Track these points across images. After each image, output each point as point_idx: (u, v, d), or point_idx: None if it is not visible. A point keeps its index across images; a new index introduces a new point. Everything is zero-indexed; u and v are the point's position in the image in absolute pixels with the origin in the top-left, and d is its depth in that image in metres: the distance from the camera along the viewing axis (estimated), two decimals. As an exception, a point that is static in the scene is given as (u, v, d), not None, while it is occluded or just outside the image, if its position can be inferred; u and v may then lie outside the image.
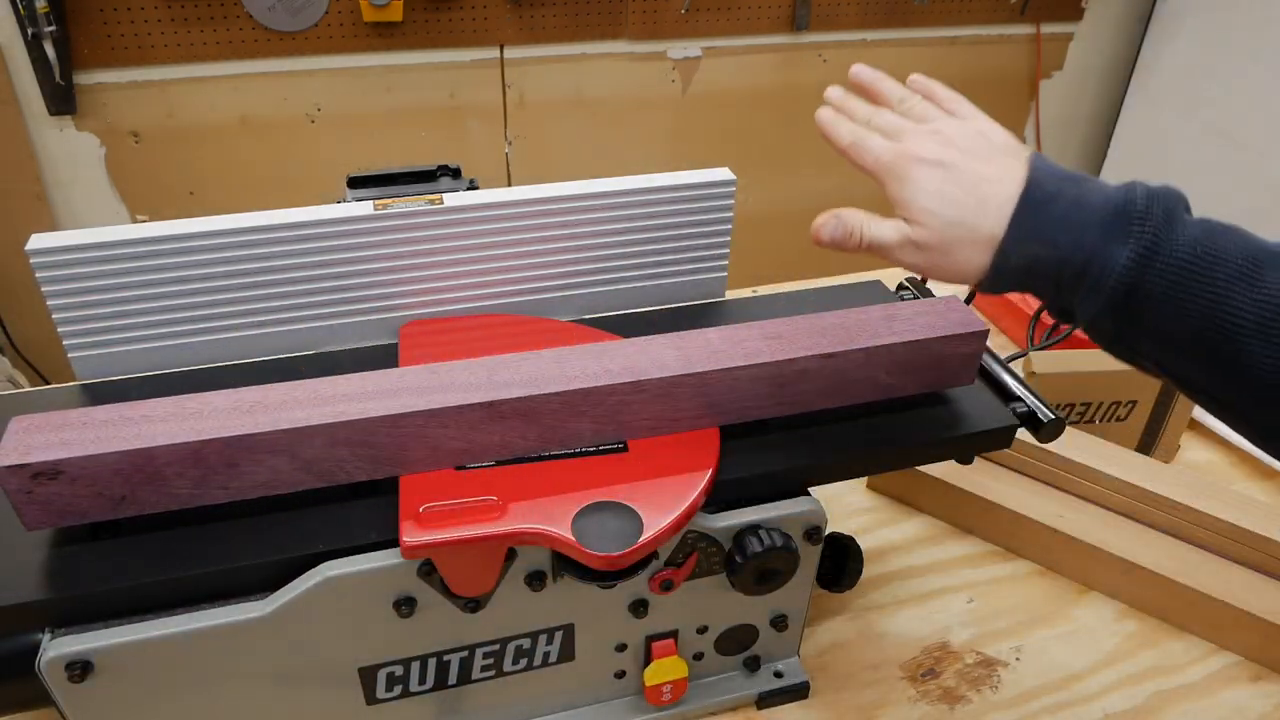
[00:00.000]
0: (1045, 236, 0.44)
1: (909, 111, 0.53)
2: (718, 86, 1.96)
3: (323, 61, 1.71)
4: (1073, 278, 0.44)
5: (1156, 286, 0.42)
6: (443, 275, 0.68)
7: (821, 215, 0.52)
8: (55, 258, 0.60)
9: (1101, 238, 0.43)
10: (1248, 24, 1.83)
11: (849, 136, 0.53)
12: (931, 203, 0.47)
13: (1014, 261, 0.45)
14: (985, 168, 0.47)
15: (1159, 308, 0.42)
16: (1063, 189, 0.45)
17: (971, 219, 0.46)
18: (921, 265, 0.48)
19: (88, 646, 0.47)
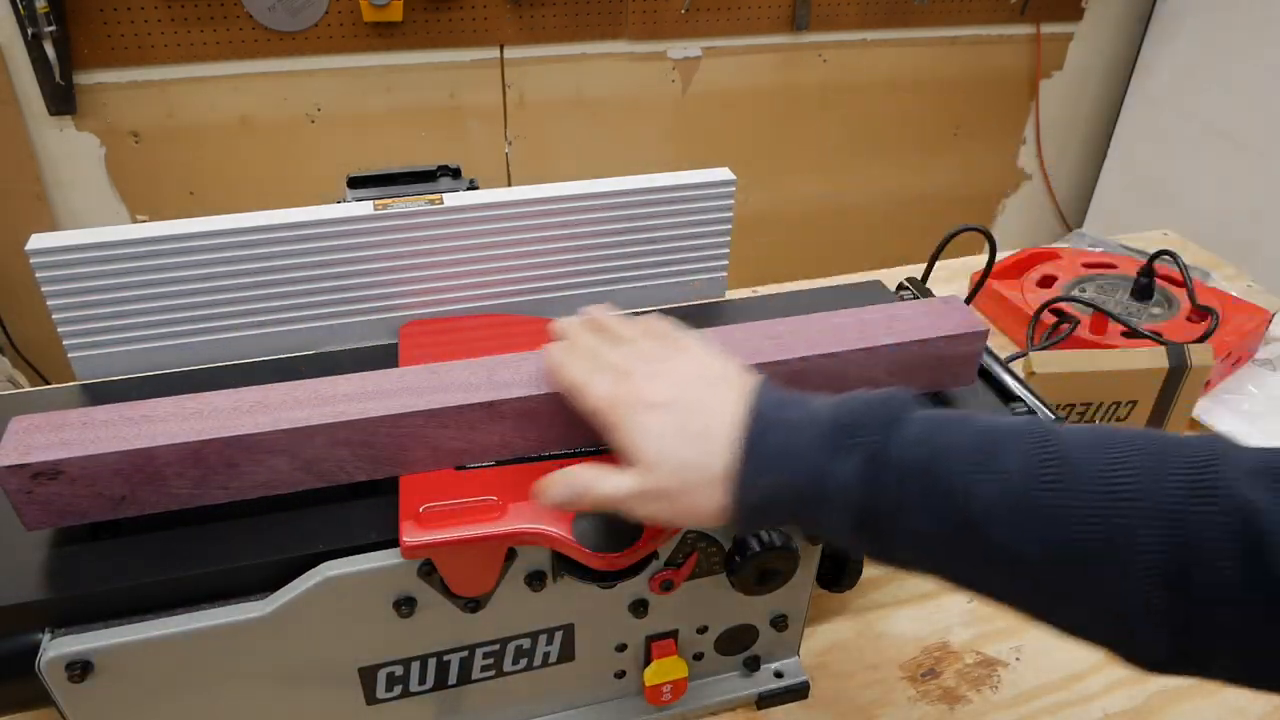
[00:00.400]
0: (774, 467, 0.43)
1: (636, 351, 0.50)
2: (718, 86, 1.96)
3: (323, 61, 1.71)
4: (812, 504, 0.42)
5: (890, 494, 0.41)
6: (443, 275, 0.68)
7: (546, 476, 0.48)
8: (55, 258, 0.60)
9: (825, 457, 0.42)
10: (1248, 24, 1.83)
11: (578, 379, 0.49)
12: (657, 446, 0.44)
13: (753, 499, 0.43)
14: (708, 402, 0.46)
15: (899, 514, 0.41)
16: (783, 414, 0.44)
17: (700, 459, 0.44)
18: (662, 515, 0.45)
19: (88, 646, 0.47)
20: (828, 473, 0.42)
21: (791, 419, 0.44)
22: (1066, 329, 0.92)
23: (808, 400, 0.45)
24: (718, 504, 0.44)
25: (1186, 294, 0.98)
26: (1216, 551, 0.35)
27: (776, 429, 0.43)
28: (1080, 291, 1.02)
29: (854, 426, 0.42)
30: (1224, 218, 1.93)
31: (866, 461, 0.41)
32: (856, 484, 0.41)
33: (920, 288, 0.75)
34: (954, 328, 0.58)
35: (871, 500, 0.41)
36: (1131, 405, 0.83)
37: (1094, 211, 2.30)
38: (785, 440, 0.43)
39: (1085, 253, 1.11)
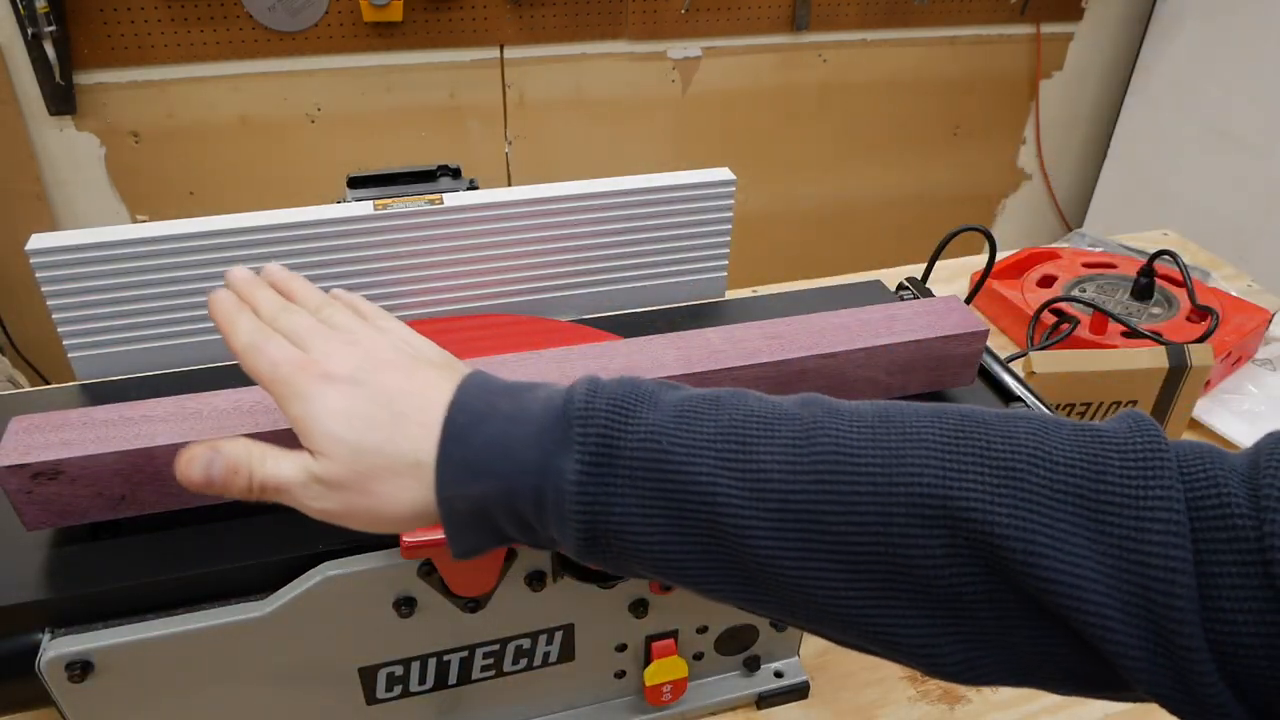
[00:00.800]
0: (484, 468, 0.35)
1: (327, 320, 0.41)
2: (718, 86, 1.96)
3: (323, 61, 1.71)
4: (535, 511, 0.35)
5: (624, 499, 0.34)
6: (443, 275, 0.68)
7: (193, 446, 0.38)
8: (55, 258, 0.60)
9: (545, 453, 0.34)
10: (1248, 24, 1.83)
11: (246, 335, 0.39)
12: (335, 425, 0.36)
13: (461, 507, 0.36)
14: (406, 382, 0.38)
15: (637, 525, 0.34)
16: (495, 405, 0.36)
17: (388, 445, 0.36)
18: (337, 510, 0.37)
19: (88, 646, 0.47)
20: (546, 475, 0.34)
21: (505, 409, 0.36)
22: (1066, 329, 0.92)
23: (528, 389, 0.37)
24: (409, 504, 0.36)
25: (1186, 294, 0.98)
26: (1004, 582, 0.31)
27: (486, 422, 0.36)
28: (1080, 291, 1.02)
29: (576, 417, 0.35)
30: (1224, 218, 1.93)
31: (591, 459, 0.34)
32: (580, 488, 0.34)
33: (920, 288, 0.75)
34: (954, 328, 0.58)
35: (601, 509, 0.34)
36: (1131, 405, 0.83)
37: (1094, 211, 2.30)
38: (496, 435, 0.35)
39: (1085, 253, 1.11)
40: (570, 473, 0.34)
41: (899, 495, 0.31)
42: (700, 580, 0.35)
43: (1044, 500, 0.31)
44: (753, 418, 0.35)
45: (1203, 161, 1.97)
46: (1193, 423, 0.91)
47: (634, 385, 0.36)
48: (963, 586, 0.31)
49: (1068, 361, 0.80)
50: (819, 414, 0.35)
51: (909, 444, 0.32)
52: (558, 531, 0.35)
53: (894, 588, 0.32)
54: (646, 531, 0.34)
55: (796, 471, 0.33)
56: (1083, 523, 0.30)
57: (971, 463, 0.32)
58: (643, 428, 0.34)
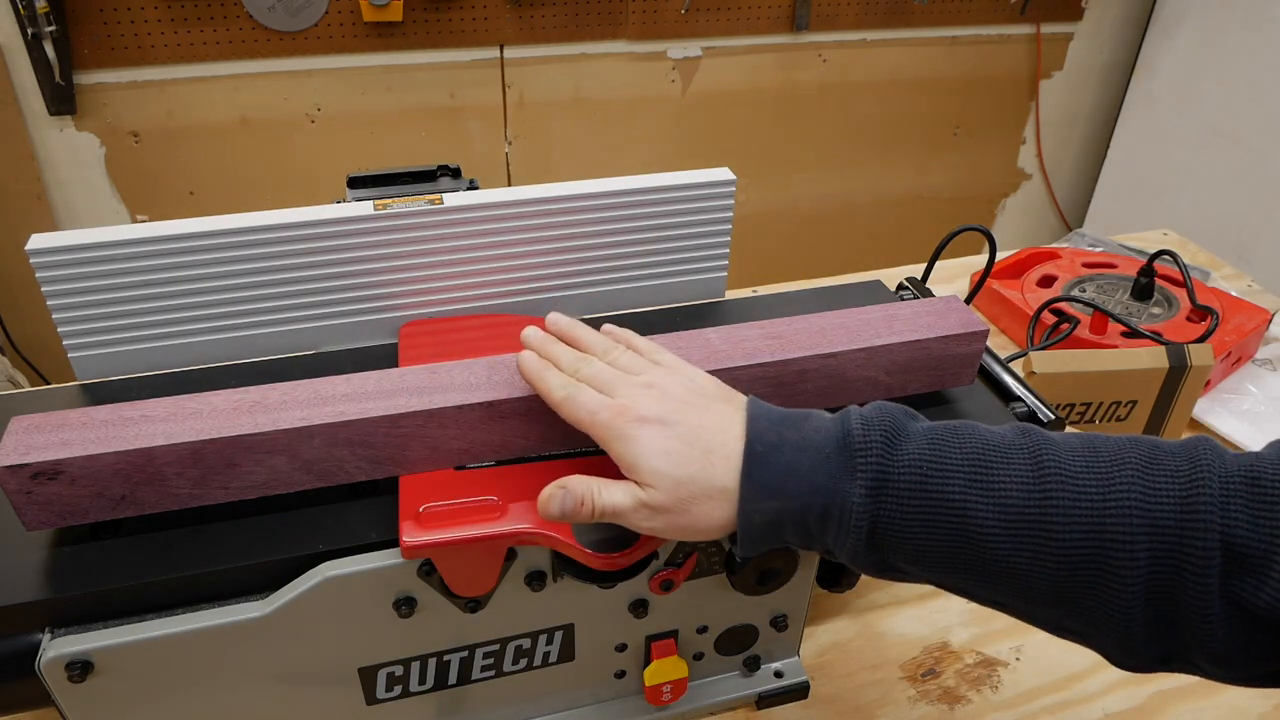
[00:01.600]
0: (779, 489, 0.43)
1: (615, 362, 0.49)
2: (718, 86, 1.96)
3: (323, 61, 1.71)
4: (819, 523, 0.43)
5: (895, 513, 0.42)
6: (443, 275, 0.68)
7: (547, 488, 0.46)
8: (55, 258, 0.60)
9: (831, 478, 0.43)
10: (1248, 24, 1.83)
11: (560, 390, 0.48)
12: (659, 462, 0.44)
13: (758, 520, 0.44)
14: (704, 418, 0.46)
15: (904, 532, 0.42)
16: (783, 435, 0.44)
17: (701, 475, 0.44)
18: (661, 528, 0.45)
19: (88, 646, 0.47)
20: (835, 494, 0.43)
21: (791, 439, 0.44)
22: (1066, 329, 0.92)
23: (803, 419, 0.45)
24: (720, 518, 0.44)
25: (1186, 294, 0.98)
26: (1201, 568, 0.38)
27: (778, 451, 0.44)
28: (1080, 291, 1.02)
29: (856, 449, 0.43)
30: (1224, 218, 1.93)
31: (872, 483, 0.42)
32: (864, 506, 0.42)
33: (920, 288, 0.75)
34: (954, 328, 0.58)
35: (877, 521, 0.42)
36: (1131, 405, 0.83)
37: (1094, 211, 2.30)
38: (790, 463, 0.43)
39: (1085, 253, 1.11)
40: (855, 495, 0.42)
41: (1110, 508, 0.40)
42: (947, 572, 0.43)
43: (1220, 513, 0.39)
44: (989, 447, 0.43)
45: (1203, 161, 1.97)
46: (1193, 423, 0.91)
47: (891, 418, 0.44)
48: (1155, 581, 0.39)
49: (1068, 361, 0.80)
50: (1040, 442, 0.43)
51: (1115, 468, 0.41)
52: (836, 539, 0.43)
53: (1100, 581, 0.40)
54: (911, 537, 0.42)
55: (1029, 490, 0.41)
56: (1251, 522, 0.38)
57: (1164, 484, 0.40)
58: (907, 457, 0.43)
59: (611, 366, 0.49)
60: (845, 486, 0.43)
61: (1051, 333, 0.93)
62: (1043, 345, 0.92)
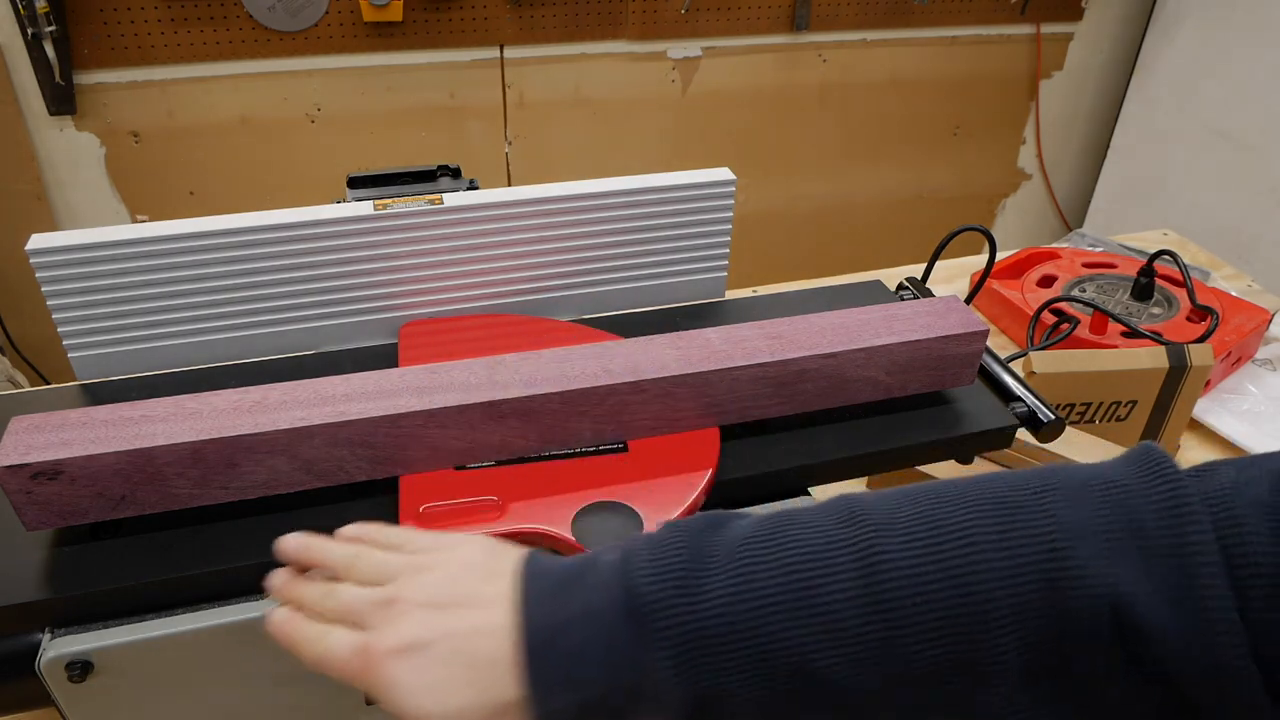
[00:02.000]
0: (572, 680, 0.35)
1: (362, 576, 0.41)
2: (718, 86, 1.96)
3: (323, 61, 1.71)
4: (631, 703, 0.36)
5: (716, 677, 0.35)
6: (443, 275, 0.68)
7: None
8: (55, 258, 0.60)
9: (629, 653, 0.35)
10: (1248, 24, 1.83)
11: (309, 648, 0.39)
12: (424, 700, 0.36)
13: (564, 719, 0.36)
14: (464, 621, 0.38)
15: (736, 694, 0.35)
16: (563, 608, 0.36)
17: (480, 697, 0.36)
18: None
19: (88, 646, 0.47)
20: (637, 673, 0.35)
21: (575, 611, 0.36)
22: (1066, 329, 0.92)
23: (581, 574, 0.38)
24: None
25: (1186, 294, 0.98)
26: (1091, 642, 0.33)
27: (561, 634, 0.36)
28: (1080, 291, 1.02)
29: (648, 611, 0.35)
30: (1224, 218, 1.93)
31: (678, 653, 0.35)
32: (676, 681, 0.35)
33: (920, 288, 0.75)
34: (954, 328, 0.58)
35: (700, 693, 0.35)
36: (1131, 405, 0.83)
37: (1094, 211, 2.30)
38: (576, 645, 0.36)
39: (1085, 253, 1.11)
40: (663, 671, 0.35)
41: (970, 606, 0.33)
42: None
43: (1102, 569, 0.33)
44: (808, 558, 0.36)
45: (1203, 161, 1.97)
46: (1193, 423, 0.91)
47: (686, 552, 0.37)
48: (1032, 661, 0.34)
49: (1068, 361, 0.80)
50: (869, 535, 0.36)
51: (961, 549, 0.34)
52: (657, 712, 0.36)
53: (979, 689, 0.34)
54: (744, 697, 0.35)
55: (862, 608, 0.34)
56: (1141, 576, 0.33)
57: (1024, 552, 0.34)
58: (712, 605, 0.35)
59: (359, 584, 0.41)
60: (646, 660, 0.35)
61: (1051, 333, 0.93)
62: (1043, 345, 0.92)
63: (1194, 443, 0.91)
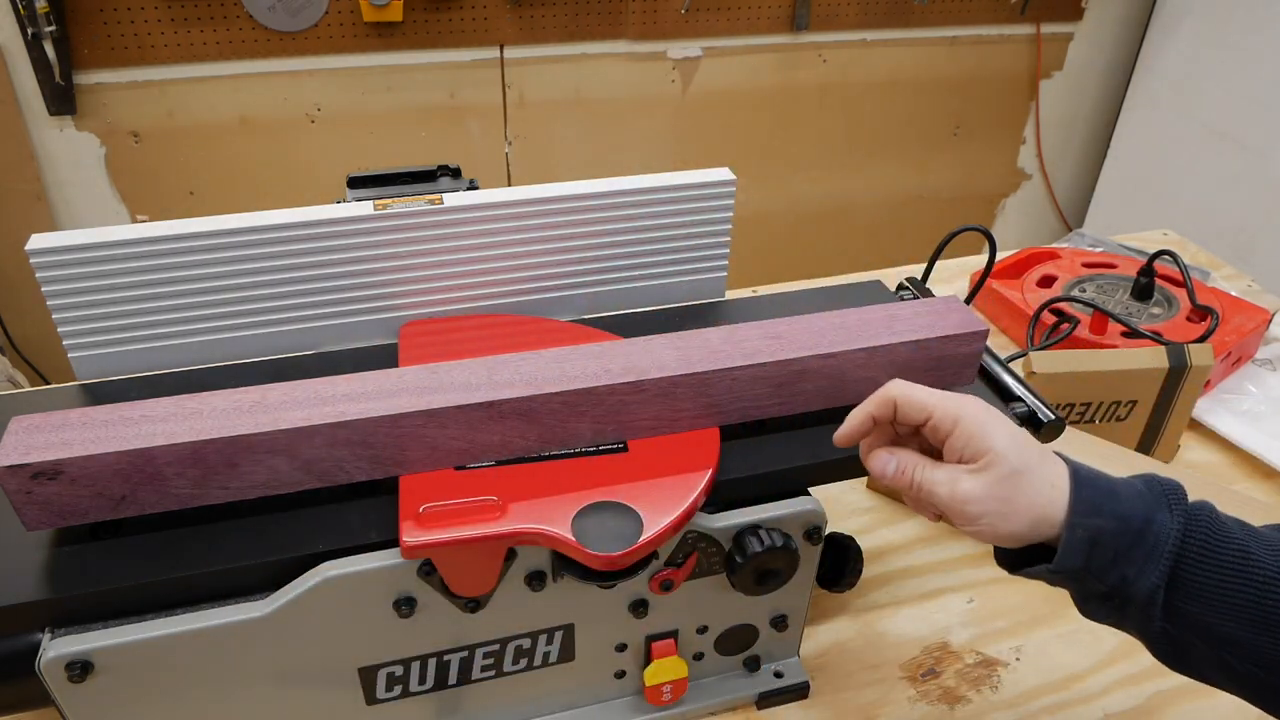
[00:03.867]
0: (1103, 508, 0.46)
1: None
2: (718, 86, 1.96)
3: (323, 61, 1.71)
4: (1129, 548, 0.46)
5: (1197, 547, 0.45)
6: (443, 275, 0.68)
7: (879, 451, 0.51)
8: (55, 258, 0.60)
9: (1148, 508, 0.46)
10: (1248, 24, 1.83)
11: (883, 391, 0.50)
12: (1010, 443, 0.47)
13: (1079, 534, 0.46)
14: (1034, 447, 0.49)
15: (1199, 569, 0.45)
16: (1094, 470, 0.48)
17: (1037, 467, 0.47)
18: (974, 512, 0.47)
19: (88, 646, 0.47)
20: (1149, 523, 0.46)
21: (1103, 475, 0.48)
22: (1066, 329, 0.92)
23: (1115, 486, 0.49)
24: (1030, 518, 0.46)
25: (1186, 294, 0.98)
26: None
27: (1099, 480, 0.48)
28: (1080, 291, 1.02)
29: (1167, 489, 0.47)
30: (1224, 218, 1.93)
31: (1185, 516, 0.46)
32: (1177, 536, 0.45)
33: (920, 288, 0.75)
34: (954, 327, 0.58)
35: (1184, 552, 0.45)
36: (1131, 405, 0.83)
37: (1094, 211, 2.30)
38: (1109, 490, 0.47)
39: (1085, 253, 1.11)
40: (1172, 525, 0.46)
41: None
42: (1227, 617, 0.45)
43: None
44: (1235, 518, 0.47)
45: (1203, 161, 1.97)
46: (1193, 423, 0.91)
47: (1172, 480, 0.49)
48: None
49: (1068, 361, 0.80)
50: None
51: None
52: (1141, 568, 0.45)
53: None
54: (1201, 573, 0.45)
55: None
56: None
57: None
58: (1197, 504, 0.47)
59: None
60: (1160, 516, 0.46)
61: (1051, 333, 0.93)
62: (1043, 345, 0.92)
63: (1194, 443, 0.91)
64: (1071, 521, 0.46)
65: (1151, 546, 0.46)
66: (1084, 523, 0.46)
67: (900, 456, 0.50)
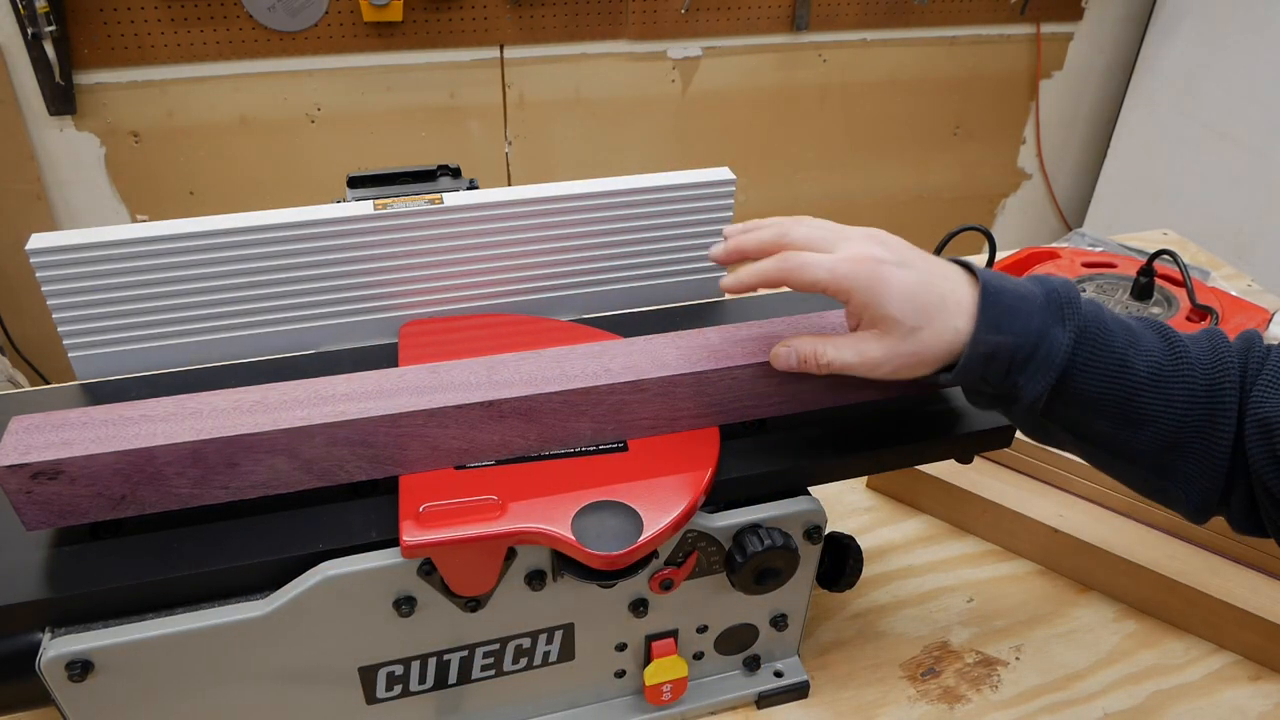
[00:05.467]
0: (1005, 326, 0.48)
1: (812, 226, 0.52)
2: (718, 86, 1.96)
3: (323, 61, 1.71)
4: (1023, 361, 0.49)
5: (1082, 360, 0.49)
6: (443, 275, 0.68)
7: (776, 347, 0.53)
8: (55, 258, 0.60)
9: (1044, 323, 0.49)
10: (1248, 24, 1.83)
11: (780, 262, 0.50)
12: (904, 305, 0.49)
13: (980, 350, 0.48)
14: (932, 264, 0.51)
15: (1082, 378, 0.49)
16: (1003, 283, 0.50)
17: (936, 317, 0.49)
18: (889, 367, 0.50)
19: (88, 646, 0.47)
20: (1044, 338, 0.48)
21: (1010, 287, 0.50)
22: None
23: (1009, 276, 0.51)
24: (940, 350, 0.49)
25: (1186, 293, 0.98)
26: None
27: (1004, 295, 0.49)
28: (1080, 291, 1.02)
29: (1064, 302, 0.50)
30: (1224, 218, 1.93)
31: (1077, 331, 0.49)
32: (1068, 350, 0.48)
33: (920, 287, 0.75)
34: (954, 327, 0.58)
35: (1072, 364, 0.48)
36: (1131, 405, 0.83)
37: (1094, 211, 2.30)
38: (1012, 306, 0.49)
39: (1085, 252, 1.11)
40: (1064, 340, 0.48)
41: (1214, 374, 0.50)
42: (1098, 417, 0.50)
43: None
44: (1124, 323, 0.51)
45: (1203, 161, 1.97)
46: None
47: (1073, 286, 0.51)
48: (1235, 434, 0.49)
49: (1068, 361, 0.80)
50: (1154, 324, 0.53)
51: (1214, 345, 0.52)
52: (1030, 379, 0.49)
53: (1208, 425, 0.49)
54: (1083, 382, 0.49)
55: (1165, 354, 0.50)
56: None
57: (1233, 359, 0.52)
58: (1089, 316, 0.50)
59: (847, 231, 0.52)
60: (1056, 331, 0.48)
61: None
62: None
63: (1194, 442, 0.91)
64: (974, 339, 0.48)
65: (1043, 360, 0.48)
66: (985, 339, 0.48)
67: (796, 345, 0.52)
